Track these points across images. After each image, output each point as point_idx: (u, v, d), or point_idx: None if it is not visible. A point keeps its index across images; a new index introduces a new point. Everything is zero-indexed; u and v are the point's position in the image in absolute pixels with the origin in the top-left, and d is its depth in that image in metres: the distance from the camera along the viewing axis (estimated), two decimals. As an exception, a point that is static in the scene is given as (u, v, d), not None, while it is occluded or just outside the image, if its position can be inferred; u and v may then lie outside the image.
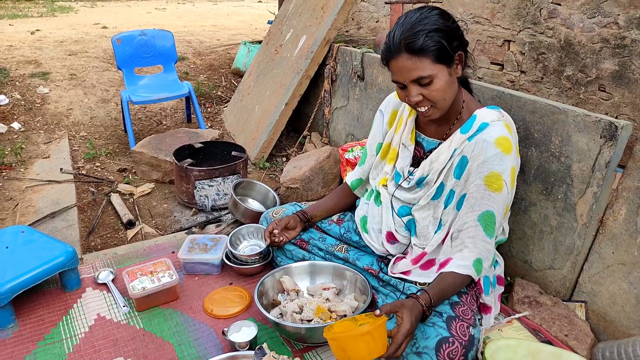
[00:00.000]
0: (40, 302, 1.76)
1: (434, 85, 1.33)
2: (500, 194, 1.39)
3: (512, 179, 1.41)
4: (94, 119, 4.16)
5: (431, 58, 1.30)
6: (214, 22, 9.23)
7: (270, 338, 1.59)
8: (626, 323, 1.56)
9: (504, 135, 1.38)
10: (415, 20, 1.31)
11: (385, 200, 1.65)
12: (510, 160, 1.38)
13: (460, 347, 1.28)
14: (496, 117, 1.43)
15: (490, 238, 1.42)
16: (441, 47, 1.29)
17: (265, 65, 3.88)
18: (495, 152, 1.37)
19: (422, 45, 1.28)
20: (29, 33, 7.15)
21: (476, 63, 3.75)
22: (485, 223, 1.41)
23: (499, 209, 1.41)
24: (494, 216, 1.40)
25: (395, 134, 1.65)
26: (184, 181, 2.59)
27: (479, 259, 1.43)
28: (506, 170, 1.38)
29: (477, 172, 1.39)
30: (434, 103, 1.37)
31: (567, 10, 2.98)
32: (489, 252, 1.44)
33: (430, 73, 1.31)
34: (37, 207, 2.54)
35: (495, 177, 1.37)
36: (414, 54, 1.29)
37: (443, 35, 1.30)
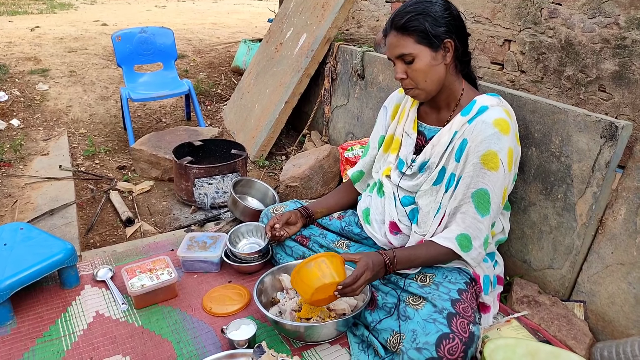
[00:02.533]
0: (39, 299, 1.76)
1: (415, 64, 1.43)
2: (497, 173, 1.40)
3: (510, 160, 1.42)
4: (94, 116, 4.15)
5: (414, 37, 1.41)
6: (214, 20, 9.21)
7: (269, 336, 1.59)
8: (625, 323, 1.56)
9: (503, 117, 1.42)
10: (410, 4, 1.44)
11: (388, 191, 1.67)
12: (508, 141, 1.41)
13: (460, 344, 1.28)
14: (495, 103, 1.48)
15: (482, 216, 1.43)
16: (423, 28, 1.40)
17: (266, 63, 3.87)
18: (493, 132, 1.40)
19: (405, 24, 1.41)
20: (28, 30, 7.13)
21: (476, 62, 3.74)
22: (478, 200, 1.42)
23: (495, 188, 1.42)
24: (487, 194, 1.42)
25: (398, 124, 1.71)
26: (183, 179, 2.59)
27: (466, 234, 1.43)
28: (503, 150, 1.40)
29: (475, 152, 1.42)
30: (416, 83, 1.47)
31: (568, 10, 2.98)
32: (480, 230, 1.44)
33: (412, 52, 1.42)
34: (36, 204, 2.54)
35: (492, 156, 1.40)
36: (399, 32, 1.43)
37: (429, 19, 1.40)
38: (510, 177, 1.48)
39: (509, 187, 1.51)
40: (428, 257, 1.47)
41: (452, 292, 1.42)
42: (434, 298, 1.40)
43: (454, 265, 1.53)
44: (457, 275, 1.50)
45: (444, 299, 1.39)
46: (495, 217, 1.48)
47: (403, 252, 1.48)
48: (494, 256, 1.68)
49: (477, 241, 1.45)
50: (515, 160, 1.48)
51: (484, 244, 1.47)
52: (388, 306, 1.52)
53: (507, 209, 1.69)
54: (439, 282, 1.48)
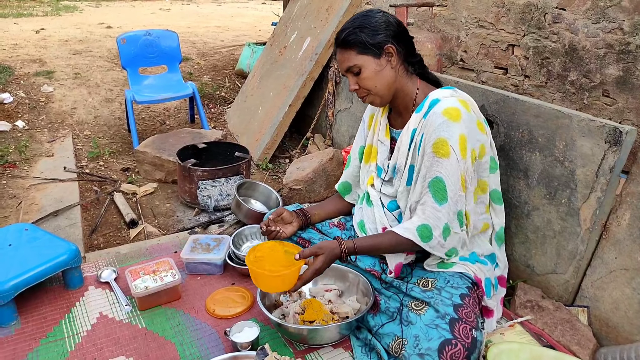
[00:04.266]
0: (43, 300, 1.77)
1: (363, 74, 1.51)
2: (448, 160, 1.42)
3: (462, 147, 1.43)
4: (98, 118, 4.17)
5: (355, 50, 1.50)
6: (218, 23, 9.25)
7: (272, 339, 1.59)
8: (629, 328, 1.56)
9: (453, 106, 1.45)
10: (348, 21, 1.54)
11: (375, 199, 1.70)
12: (459, 127, 1.42)
13: (463, 350, 1.28)
14: (449, 94, 1.51)
15: (439, 204, 1.43)
16: (360, 40, 1.48)
17: (269, 66, 3.89)
18: (442, 120, 1.43)
19: (345, 39, 1.51)
20: (33, 32, 7.18)
21: (480, 67, 3.75)
22: (435, 189, 1.44)
23: (449, 175, 1.42)
24: (443, 182, 1.43)
25: (374, 133, 1.76)
26: (187, 181, 2.59)
27: (426, 224, 1.44)
28: (453, 137, 1.42)
29: (428, 142, 1.46)
30: (368, 90, 1.54)
31: (572, 15, 2.98)
32: (439, 219, 1.44)
33: (356, 63, 1.50)
34: (41, 205, 2.55)
35: (442, 143, 1.42)
36: (342, 47, 1.53)
37: (366, 30, 1.48)
38: (466, 163, 1.45)
39: (470, 175, 1.48)
40: (389, 246, 1.51)
41: (455, 297, 1.42)
42: (436, 303, 1.40)
43: (455, 270, 1.53)
44: (459, 279, 1.50)
45: (446, 304, 1.39)
46: (456, 205, 1.46)
47: (363, 245, 1.52)
48: (495, 258, 1.68)
49: (436, 230, 1.44)
50: (471, 149, 1.46)
51: (444, 232, 1.45)
52: (391, 310, 1.52)
53: (498, 202, 1.66)
54: (441, 286, 1.48)
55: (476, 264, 1.57)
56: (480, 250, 1.62)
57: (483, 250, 1.63)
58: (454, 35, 3.94)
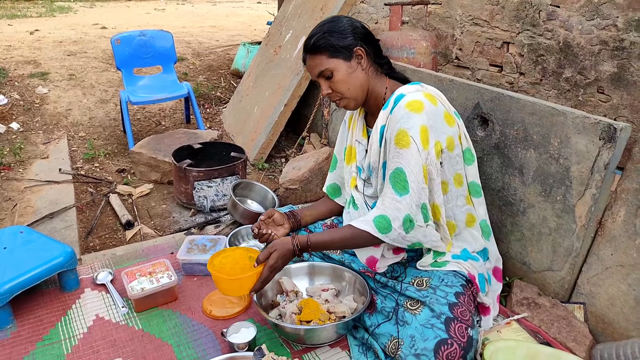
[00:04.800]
0: (39, 303, 1.76)
1: (335, 77, 1.53)
2: (409, 150, 1.42)
3: (423, 138, 1.42)
4: (93, 119, 4.16)
5: (325, 54, 1.52)
6: (213, 23, 9.23)
7: (269, 339, 1.59)
8: (625, 325, 1.57)
9: (416, 99, 1.46)
10: (316, 28, 1.55)
11: (360, 202, 1.71)
12: (420, 119, 1.43)
13: (458, 349, 1.28)
14: (414, 89, 1.52)
15: (399, 195, 1.42)
16: (329, 44, 1.50)
17: (265, 66, 3.88)
18: (403, 113, 1.45)
19: (315, 44, 1.52)
20: (28, 33, 7.14)
21: (475, 65, 3.75)
22: (395, 180, 1.43)
23: (409, 166, 1.41)
24: (403, 173, 1.42)
25: (353, 134, 1.77)
26: (182, 182, 2.59)
27: (384, 215, 1.42)
28: (413, 127, 1.42)
29: (391, 136, 1.47)
30: (341, 94, 1.55)
31: (566, 12, 2.99)
32: (398, 210, 1.41)
33: (328, 66, 1.52)
34: (36, 208, 2.54)
35: (402, 134, 1.43)
36: (312, 53, 1.54)
37: (334, 34, 1.51)
38: (429, 154, 1.44)
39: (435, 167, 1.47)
40: (346, 239, 1.50)
41: (450, 295, 1.43)
42: (431, 302, 1.40)
43: (449, 268, 1.54)
44: (453, 278, 1.50)
45: (441, 302, 1.39)
46: (419, 197, 1.43)
47: (318, 240, 1.53)
48: (487, 253, 1.68)
49: (396, 222, 1.41)
50: (435, 140, 1.45)
51: (404, 224, 1.42)
52: (387, 310, 1.52)
53: (476, 195, 1.64)
54: (435, 285, 1.48)
55: (468, 261, 1.58)
56: (470, 246, 1.62)
57: (474, 246, 1.63)
58: (449, 33, 3.94)
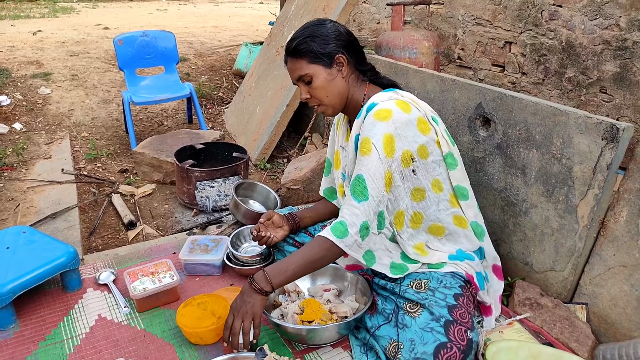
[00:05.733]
0: (42, 303, 1.76)
1: (314, 83, 1.51)
2: (369, 157, 1.41)
3: (386, 145, 1.41)
4: (96, 119, 4.17)
5: (306, 59, 1.50)
6: (215, 23, 9.24)
7: (271, 339, 1.59)
8: (627, 325, 1.56)
9: (385, 108, 1.45)
10: (298, 30, 1.54)
11: None
12: (384, 127, 1.42)
13: (458, 352, 1.28)
14: (387, 97, 1.51)
15: (357, 202, 1.40)
16: (311, 49, 1.48)
17: (267, 66, 3.88)
18: (369, 122, 1.45)
19: (296, 48, 1.50)
20: (30, 34, 7.16)
21: (477, 65, 3.75)
22: (354, 187, 1.42)
23: (370, 172, 1.40)
24: (363, 180, 1.41)
25: (337, 140, 1.77)
26: (185, 182, 2.59)
27: (341, 221, 1.39)
28: (376, 135, 1.41)
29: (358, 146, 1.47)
30: (320, 100, 1.54)
31: (569, 12, 2.98)
32: (356, 216, 1.39)
33: (307, 72, 1.50)
34: (39, 208, 2.55)
35: (365, 142, 1.43)
36: (293, 57, 1.52)
37: (317, 39, 1.49)
38: (391, 162, 1.43)
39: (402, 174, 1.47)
40: (301, 260, 1.41)
41: (449, 297, 1.42)
42: (430, 305, 1.40)
43: (446, 270, 1.53)
44: (452, 279, 1.50)
45: (440, 305, 1.39)
46: (378, 205, 1.42)
47: (275, 265, 1.43)
48: (483, 252, 1.68)
49: (353, 228, 1.38)
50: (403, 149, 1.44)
51: (361, 231, 1.39)
52: (387, 312, 1.52)
53: (463, 198, 1.62)
54: (434, 287, 1.47)
55: (465, 261, 1.57)
56: (464, 246, 1.62)
57: (467, 246, 1.63)
58: (451, 33, 3.94)
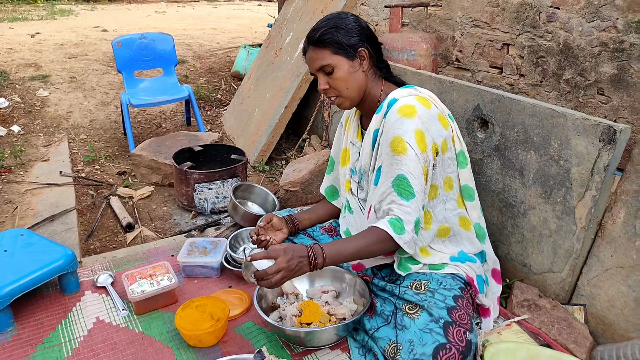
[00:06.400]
0: (39, 306, 1.76)
1: (335, 74, 1.52)
2: (406, 156, 1.42)
3: (419, 142, 1.43)
4: (94, 121, 4.16)
5: (330, 49, 1.50)
6: (213, 25, 9.25)
7: (269, 341, 1.59)
8: (625, 326, 1.56)
9: (408, 104, 1.46)
10: (321, 20, 1.55)
11: (354, 205, 1.72)
12: (412, 123, 1.43)
13: (457, 353, 1.28)
14: (407, 93, 1.53)
15: (407, 200, 1.41)
16: (336, 40, 1.49)
17: (265, 68, 3.88)
18: (396, 118, 1.45)
19: (320, 38, 1.50)
20: (29, 36, 7.16)
21: (475, 66, 3.75)
22: (399, 187, 1.43)
23: (410, 170, 1.42)
24: (405, 179, 1.42)
25: (347, 136, 1.78)
26: (183, 184, 2.59)
27: (397, 218, 1.41)
28: (407, 133, 1.43)
29: (385, 141, 1.48)
30: (339, 92, 1.55)
31: (566, 14, 2.99)
32: (409, 214, 1.41)
33: (330, 62, 1.50)
34: (37, 210, 2.54)
35: (398, 141, 1.43)
36: (316, 46, 1.52)
37: (341, 31, 1.50)
38: (427, 156, 1.45)
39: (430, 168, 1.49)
40: (359, 247, 1.42)
41: (448, 299, 1.42)
42: (430, 306, 1.40)
43: (447, 271, 1.53)
44: (452, 281, 1.50)
45: (439, 306, 1.39)
46: (422, 199, 1.45)
47: (333, 244, 1.44)
48: (484, 255, 1.68)
49: (409, 225, 1.41)
50: (431, 143, 1.47)
51: (415, 227, 1.43)
52: (386, 313, 1.51)
53: (469, 199, 1.64)
54: (434, 289, 1.47)
55: (466, 263, 1.57)
56: (466, 249, 1.62)
57: (469, 248, 1.63)
58: (449, 35, 3.94)
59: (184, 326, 1.55)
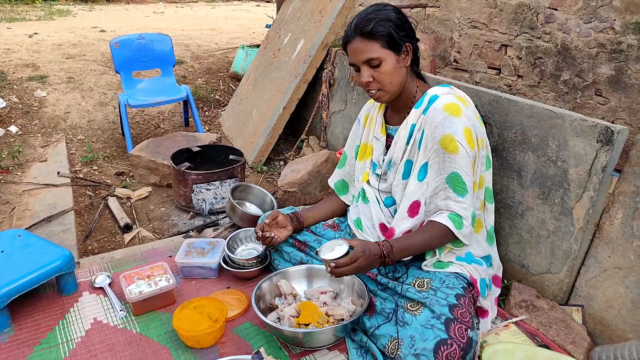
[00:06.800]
0: (37, 307, 1.76)
1: (382, 68, 1.51)
2: (459, 155, 1.47)
3: (469, 139, 1.49)
4: (92, 122, 4.15)
5: (380, 43, 1.49)
6: (212, 25, 9.23)
7: (267, 342, 1.59)
8: (622, 327, 1.57)
9: (452, 102, 1.50)
10: (370, 11, 1.51)
11: (371, 195, 1.74)
12: (461, 121, 1.47)
13: (458, 349, 1.28)
14: (446, 91, 1.56)
15: (462, 197, 1.48)
16: (389, 33, 1.48)
17: (264, 69, 3.88)
18: (444, 116, 1.48)
19: (372, 30, 1.48)
20: (26, 36, 7.14)
21: (474, 67, 3.76)
22: (454, 184, 1.48)
23: (463, 168, 1.48)
24: (460, 176, 1.48)
25: (369, 131, 1.79)
26: (181, 185, 2.59)
27: (455, 213, 1.48)
28: (458, 132, 1.47)
29: (432, 138, 1.50)
30: (382, 85, 1.54)
31: (564, 15, 2.99)
32: (466, 209, 1.49)
33: (379, 56, 1.49)
34: (34, 211, 2.53)
35: (449, 139, 1.47)
36: (365, 38, 1.49)
37: (392, 24, 1.49)
38: (476, 152, 1.53)
39: (478, 163, 1.57)
40: (423, 242, 1.50)
41: (450, 297, 1.43)
42: (431, 303, 1.40)
43: (451, 270, 1.54)
44: (455, 280, 1.50)
45: (441, 304, 1.40)
46: (473, 192, 1.53)
47: (399, 240, 1.51)
48: (490, 259, 1.69)
49: (467, 220, 1.49)
50: (477, 139, 1.53)
51: (472, 220, 1.52)
52: (386, 311, 1.52)
53: (490, 201, 1.69)
54: (436, 287, 1.48)
55: (472, 264, 1.57)
56: (475, 251, 1.62)
57: (478, 251, 1.63)
58: (447, 36, 3.95)
59: (182, 327, 1.54)
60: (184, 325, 1.55)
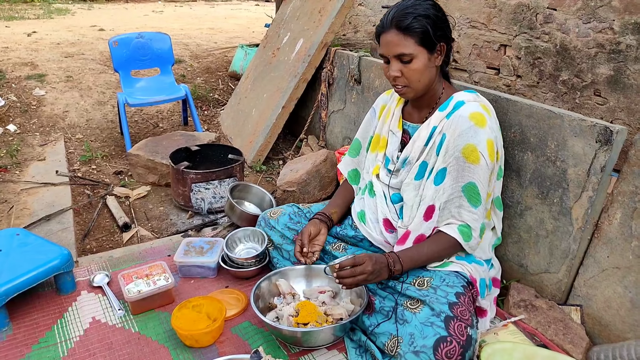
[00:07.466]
0: (35, 306, 1.75)
1: (413, 64, 1.47)
2: (479, 166, 1.46)
3: (491, 152, 1.48)
4: (90, 121, 4.15)
5: (415, 39, 1.45)
6: (211, 25, 9.23)
7: (266, 341, 1.59)
8: (621, 327, 1.57)
9: (478, 111, 1.48)
10: (409, 4, 1.47)
11: (378, 190, 1.72)
12: (485, 133, 1.46)
13: (458, 347, 1.28)
14: (472, 98, 1.54)
15: (475, 207, 1.48)
16: (425, 30, 1.44)
17: (263, 68, 3.88)
18: (469, 125, 1.46)
19: (409, 25, 1.44)
20: (25, 35, 7.13)
21: (473, 67, 3.76)
22: (469, 194, 1.48)
23: (481, 179, 1.48)
24: (476, 187, 1.47)
25: (384, 124, 1.77)
26: (180, 184, 2.58)
27: (466, 224, 1.49)
28: (481, 143, 1.46)
29: (454, 145, 1.48)
30: (409, 82, 1.51)
31: (563, 15, 3.00)
32: (476, 221, 1.49)
33: (412, 52, 1.46)
34: (33, 210, 2.53)
35: (472, 149, 1.45)
36: (401, 32, 1.45)
37: (430, 22, 1.45)
38: (494, 165, 1.54)
39: (494, 173, 1.58)
40: (431, 253, 1.51)
41: (450, 295, 1.43)
42: (431, 301, 1.40)
43: (451, 269, 1.54)
44: (455, 278, 1.50)
45: (441, 302, 1.40)
46: (486, 205, 1.54)
47: (406, 252, 1.52)
48: (490, 260, 1.69)
49: (475, 232, 1.50)
50: (497, 152, 1.54)
51: (480, 231, 1.52)
52: (386, 310, 1.52)
53: (499, 208, 1.71)
54: (436, 285, 1.48)
55: (472, 264, 1.57)
56: (476, 253, 1.62)
57: (480, 254, 1.63)
58: (447, 35, 3.95)
59: (181, 326, 1.54)
60: (182, 325, 1.55)
